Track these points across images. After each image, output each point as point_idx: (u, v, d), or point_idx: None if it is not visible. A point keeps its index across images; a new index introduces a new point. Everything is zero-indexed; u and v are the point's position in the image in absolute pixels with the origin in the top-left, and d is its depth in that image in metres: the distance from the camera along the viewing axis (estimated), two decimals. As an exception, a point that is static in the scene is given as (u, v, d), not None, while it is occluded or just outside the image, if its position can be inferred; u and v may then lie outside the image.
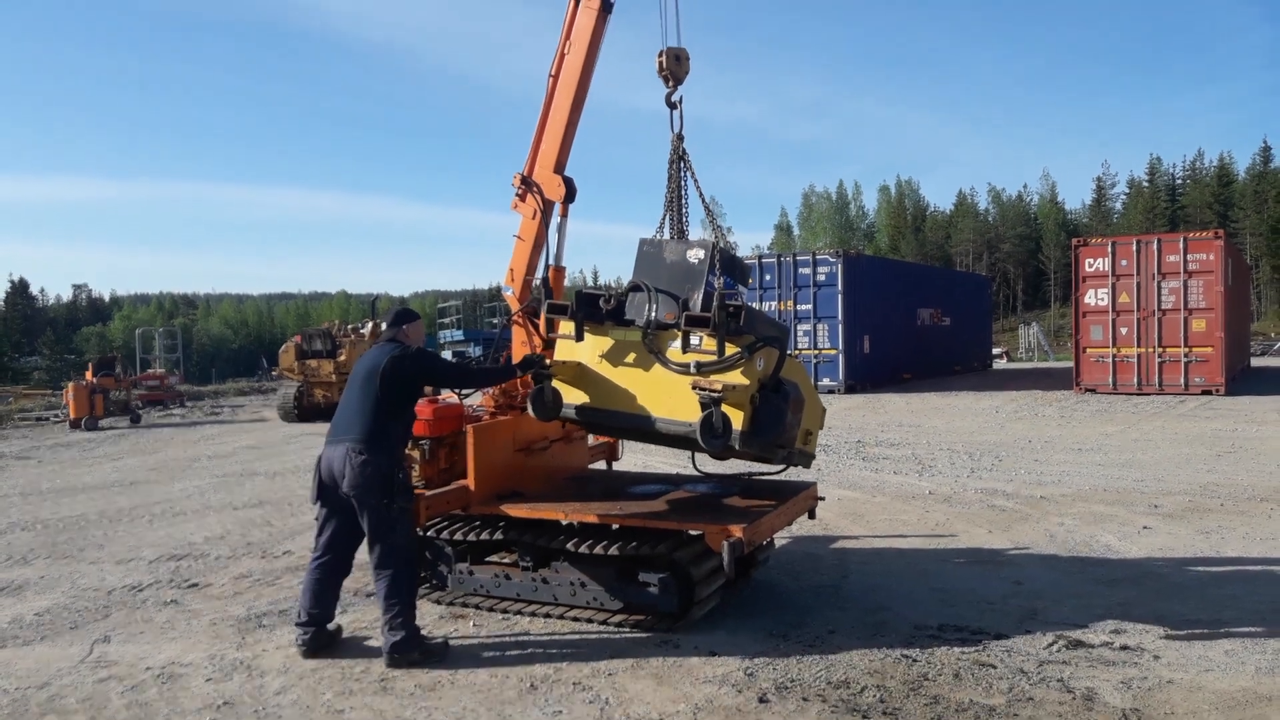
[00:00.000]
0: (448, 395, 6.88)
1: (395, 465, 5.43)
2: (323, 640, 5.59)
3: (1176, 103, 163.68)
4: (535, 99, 7.18)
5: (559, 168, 7.04)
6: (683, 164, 6.63)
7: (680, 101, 6.82)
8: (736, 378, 5.41)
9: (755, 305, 25.88)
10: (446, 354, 40.76)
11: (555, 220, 7.12)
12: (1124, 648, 5.25)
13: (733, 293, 5.97)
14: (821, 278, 25.40)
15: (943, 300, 33.29)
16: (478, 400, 6.98)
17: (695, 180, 6.64)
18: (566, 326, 5.98)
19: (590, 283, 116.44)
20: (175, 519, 10.15)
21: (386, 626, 5.32)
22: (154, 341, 52.79)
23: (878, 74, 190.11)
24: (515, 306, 7.16)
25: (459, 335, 47.28)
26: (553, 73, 7.10)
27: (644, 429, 5.83)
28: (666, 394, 5.65)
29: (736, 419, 5.35)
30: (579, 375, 5.98)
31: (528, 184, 7.12)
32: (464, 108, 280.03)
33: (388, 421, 5.43)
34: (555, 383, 5.94)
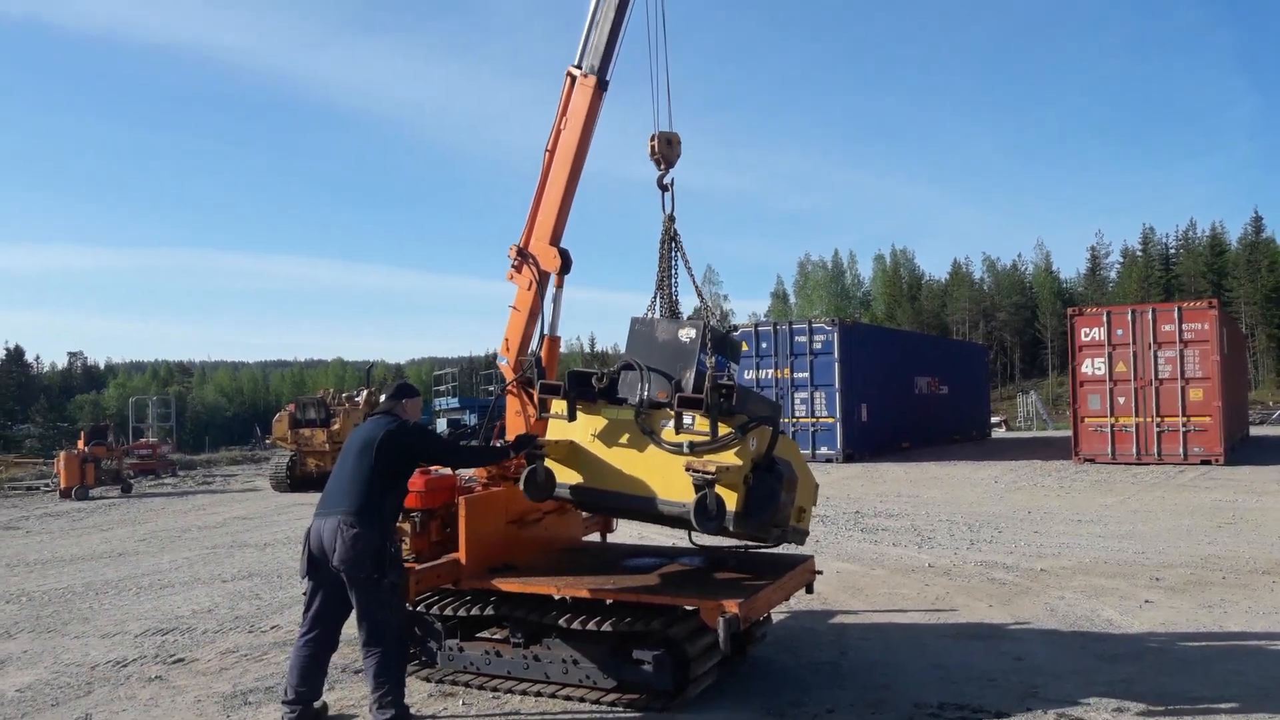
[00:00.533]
0: (439, 467, 6.83)
1: (387, 539, 5.36)
2: (309, 718, 5.46)
3: (1168, 173, 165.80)
4: (529, 170, 7.27)
5: (554, 240, 7.08)
6: (674, 244, 6.71)
7: (672, 184, 6.94)
8: (730, 458, 5.41)
9: (753, 374, 25.98)
10: (441, 422, 40.65)
11: (551, 291, 7.15)
12: (1128, 727, 5.14)
13: (723, 372, 5.97)
14: (818, 346, 25.46)
15: (940, 369, 33.36)
16: (470, 472, 6.92)
17: (686, 261, 6.73)
18: (559, 406, 5.99)
19: (587, 349, 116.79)
20: (163, 591, 10.00)
21: (375, 705, 5.20)
22: (147, 410, 52.62)
23: (871, 146, 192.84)
24: (510, 376, 7.15)
25: (454, 403, 47.18)
26: (549, 148, 7.19)
27: (637, 509, 5.84)
28: (660, 474, 5.65)
29: (730, 500, 5.35)
30: (572, 454, 5.96)
31: (524, 256, 7.17)
32: (459, 178, 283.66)
33: (381, 495, 5.38)
34: (548, 462, 5.91)
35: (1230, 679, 5.94)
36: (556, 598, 5.93)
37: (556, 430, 6.04)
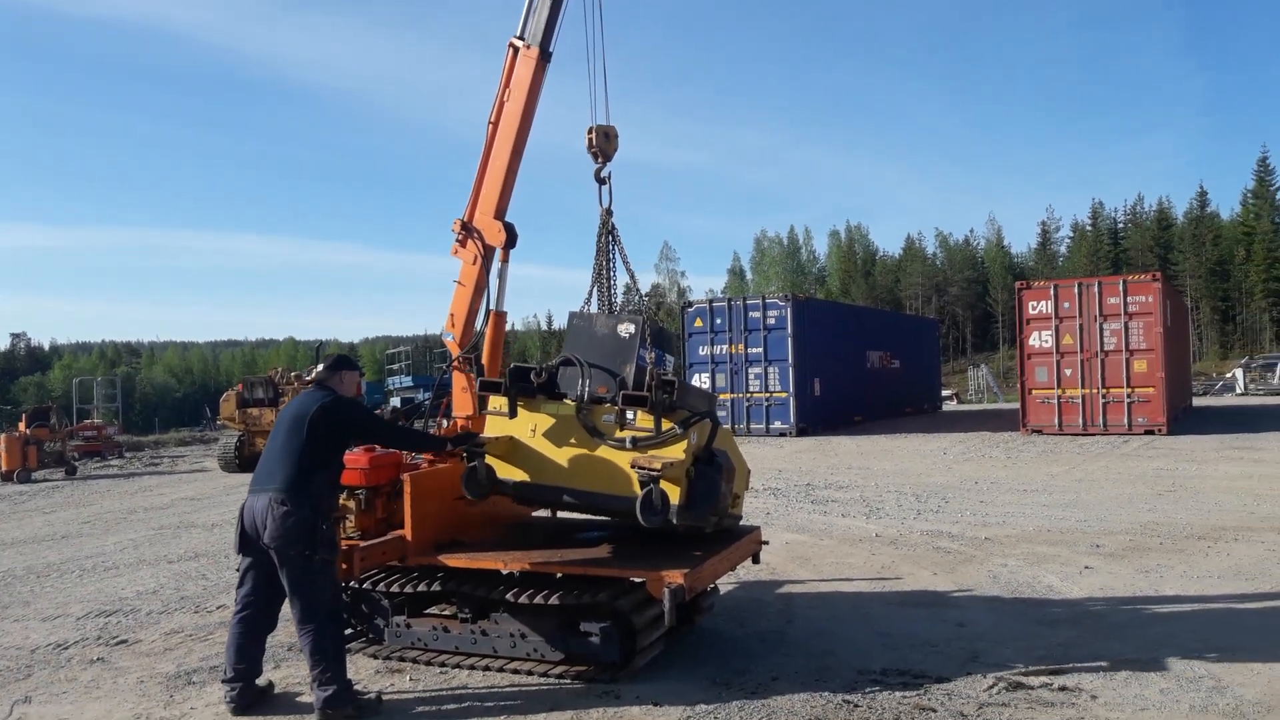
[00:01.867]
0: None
1: (319, 516, 5.26)
2: (252, 696, 5.41)
3: (1117, 148, 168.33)
4: (479, 143, 7.18)
5: (499, 213, 7.04)
6: (612, 237, 6.73)
7: (609, 177, 6.95)
8: (674, 453, 5.53)
9: (707, 349, 26.07)
10: (395, 400, 40.39)
11: (496, 265, 7.10)
12: (1063, 688, 5.25)
13: (663, 367, 6.08)
14: (772, 321, 25.58)
15: (892, 343, 33.67)
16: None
17: (624, 254, 6.80)
18: (499, 402, 5.96)
19: (544, 327, 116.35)
20: (107, 573, 9.86)
21: (315, 682, 5.17)
22: (93, 391, 51.74)
23: (826, 122, 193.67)
24: (456, 352, 7.11)
25: (408, 381, 46.89)
26: (492, 120, 7.11)
27: (581, 504, 5.88)
28: (603, 468, 5.73)
29: (674, 494, 5.49)
30: (513, 450, 5.99)
31: (468, 229, 7.11)
32: (415, 153, 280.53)
33: (312, 471, 5.30)
34: (489, 459, 5.91)
35: (1164, 641, 6.09)
36: (504, 572, 5.93)
37: (497, 426, 6.03)
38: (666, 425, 5.59)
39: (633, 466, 5.44)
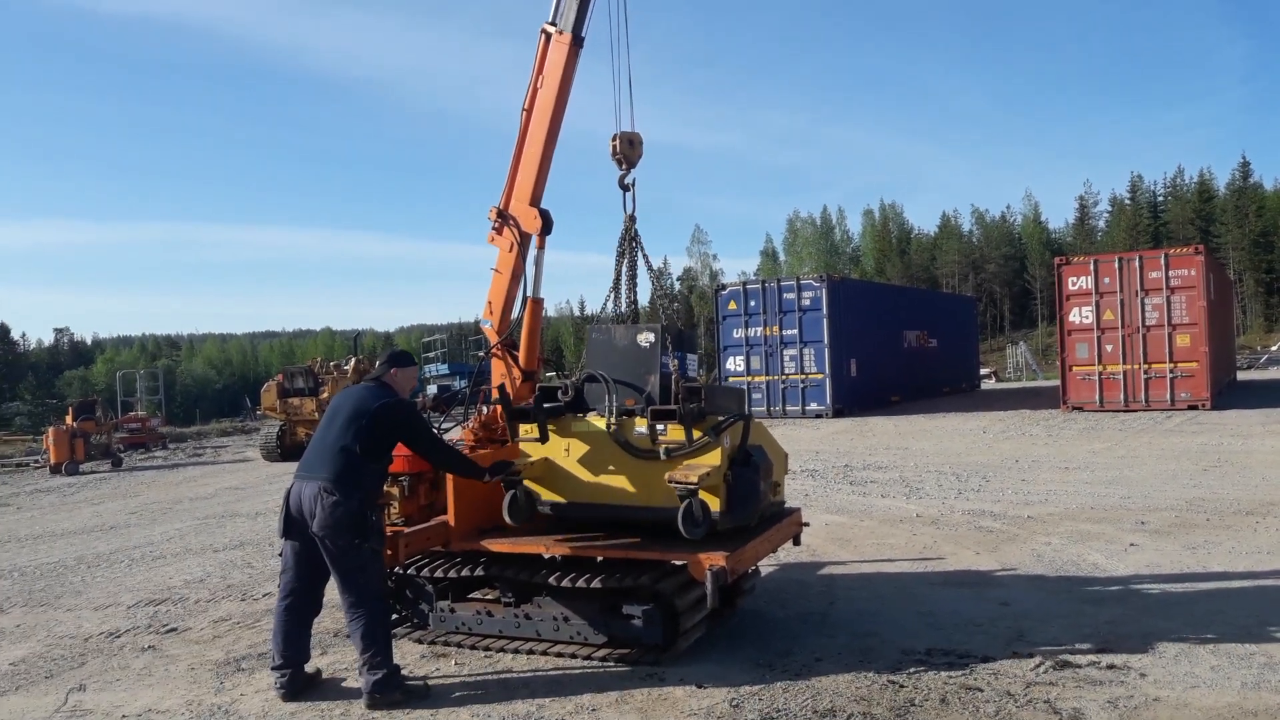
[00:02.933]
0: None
1: (368, 507, 5.33)
2: (301, 683, 5.49)
3: (1156, 120, 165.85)
4: (515, 130, 7.19)
5: (534, 200, 7.04)
6: (634, 244, 6.75)
7: (633, 184, 6.96)
8: (709, 460, 5.51)
9: (742, 331, 25.98)
10: (431, 388, 40.64)
11: (532, 253, 7.11)
12: (1110, 666, 5.20)
13: (687, 371, 6.04)
14: (806, 302, 25.44)
15: (929, 322, 33.39)
16: (457, 434, 6.92)
17: (647, 260, 6.82)
18: (530, 429, 5.97)
19: (577, 312, 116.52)
20: (155, 563, 10.03)
21: (366, 667, 5.23)
22: (135, 384, 52.53)
23: (858, 100, 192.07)
24: (494, 339, 7.14)
25: (444, 369, 47.19)
26: (525, 107, 7.12)
27: (621, 519, 5.86)
28: (640, 482, 5.74)
29: (714, 503, 5.49)
30: (549, 472, 6.02)
31: (504, 217, 7.13)
32: (447, 142, 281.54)
33: (364, 464, 5.33)
34: (526, 482, 5.94)
35: (1213, 618, 6.01)
36: (546, 556, 5.97)
37: (530, 450, 6.04)
38: (698, 434, 5.57)
39: (669, 482, 5.40)
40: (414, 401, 5.78)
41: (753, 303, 26.25)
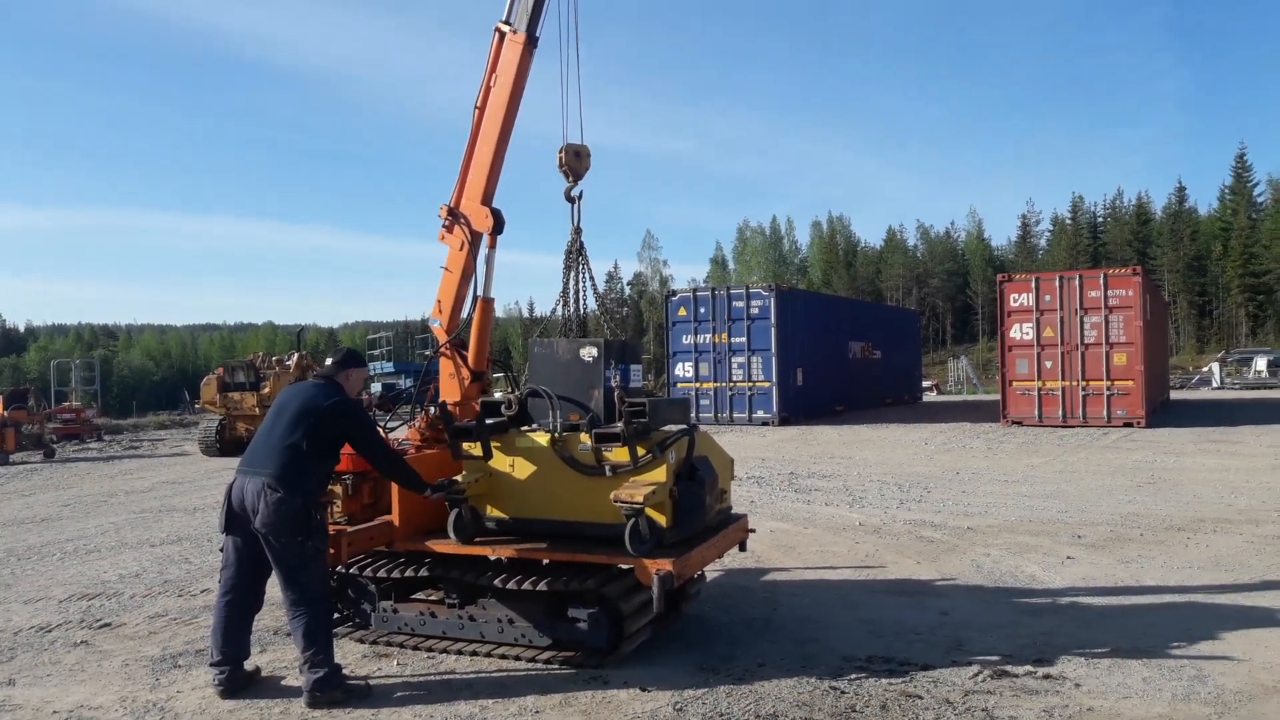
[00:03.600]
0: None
1: (311, 505, 5.27)
2: (240, 680, 5.40)
3: (1098, 142, 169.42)
4: (467, 127, 7.15)
5: (486, 199, 7.00)
6: (580, 257, 6.80)
7: (580, 196, 6.99)
8: (654, 477, 5.53)
9: (691, 338, 26.08)
10: (376, 386, 40.24)
11: (483, 251, 7.07)
12: (1046, 676, 5.31)
13: (629, 384, 6.09)
14: (755, 311, 25.64)
15: (874, 334, 33.84)
16: (403, 433, 6.86)
17: (591, 274, 6.90)
18: (474, 448, 5.94)
19: (526, 314, 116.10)
20: (88, 557, 9.79)
21: (306, 665, 5.16)
22: (70, 373, 51.25)
23: (810, 113, 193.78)
24: (443, 338, 7.08)
25: (389, 367, 46.76)
26: (478, 105, 7.08)
27: (568, 534, 5.84)
28: (585, 498, 5.73)
29: (660, 519, 5.52)
30: (494, 488, 5.99)
31: (455, 215, 7.08)
32: (398, 136, 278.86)
33: (310, 461, 5.28)
34: (472, 499, 5.90)
35: (1145, 630, 6.16)
36: (491, 558, 5.93)
37: (474, 467, 5.99)
38: (643, 451, 5.57)
39: (615, 501, 5.39)
40: (357, 401, 5.71)
41: (702, 309, 26.39)
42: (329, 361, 5.83)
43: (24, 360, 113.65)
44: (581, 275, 6.91)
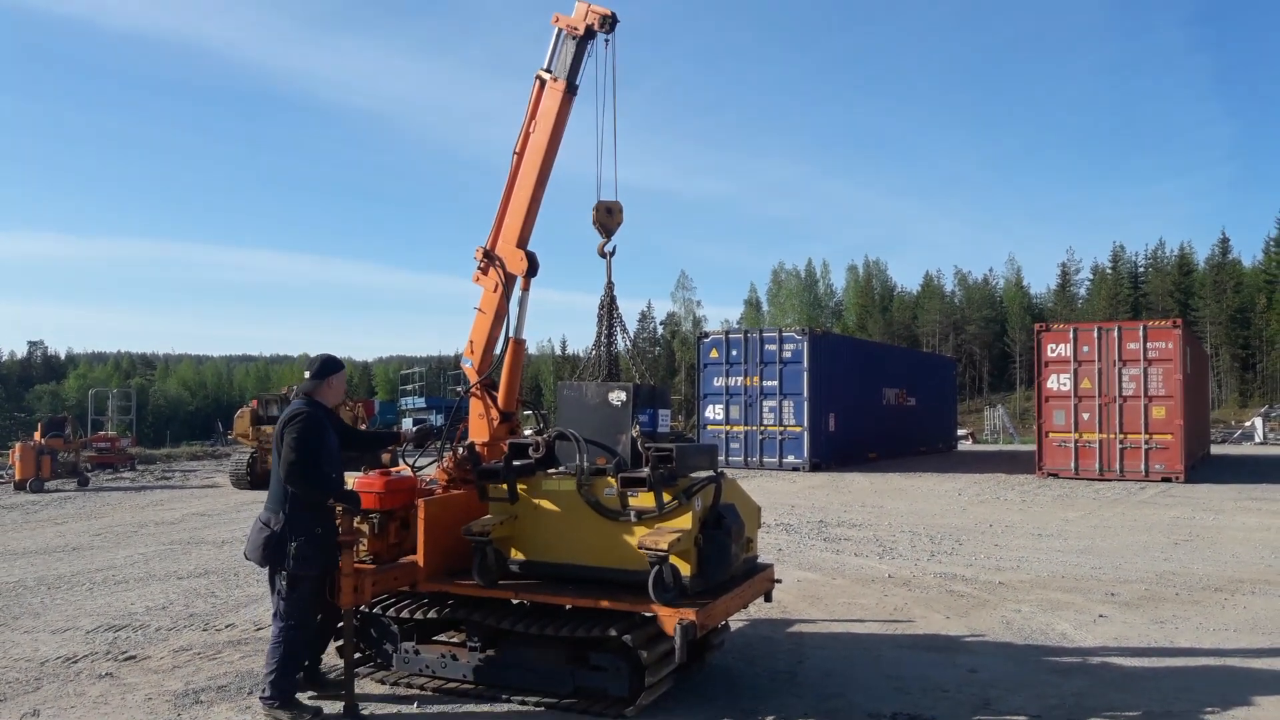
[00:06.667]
0: (401, 467, 6.78)
1: (293, 532, 5.47)
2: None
3: (1141, 191, 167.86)
4: (504, 169, 7.24)
5: (522, 243, 7.06)
6: (613, 310, 6.88)
7: (613, 252, 7.06)
8: (679, 524, 5.51)
9: (722, 380, 26.01)
10: (407, 422, 40.47)
11: (517, 294, 7.12)
12: (1077, 741, 5.18)
13: (655, 428, 6.09)
14: (788, 355, 25.55)
15: (908, 380, 33.59)
16: (431, 473, 6.88)
17: (624, 327, 6.99)
18: (499, 490, 5.97)
19: (558, 351, 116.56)
20: (117, 587, 9.87)
21: (264, 678, 5.60)
22: (107, 402, 51.96)
23: (848, 156, 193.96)
24: (474, 379, 7.12)
25: (421, 403, 47.02)
26: (517, 150, 7.17)
27: (591, 578, 5.82)
28: (610, 543, 5.72)
29: (685, 568, 5.49)
30: (518, 530, 6.00)
31: (490, 258, 7.15)
32: (435, 175, 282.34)
33: (283, 484, 5.53)
34: (496, 541, 5.90)
35: (1179, 694, 6.01)
36: (514, 602, 5.91)
37: (500, 509, 6.01)
38: (668, 497, 5.56)
39: (640, 548, 5.39)
40: (310, 413, 5.66)
41: (734, 352, 26.34)
42: (306, 376, 5.93)
43: (63, 387, 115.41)
44: (614, 330, 6.97)
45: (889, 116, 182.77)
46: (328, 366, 5.94)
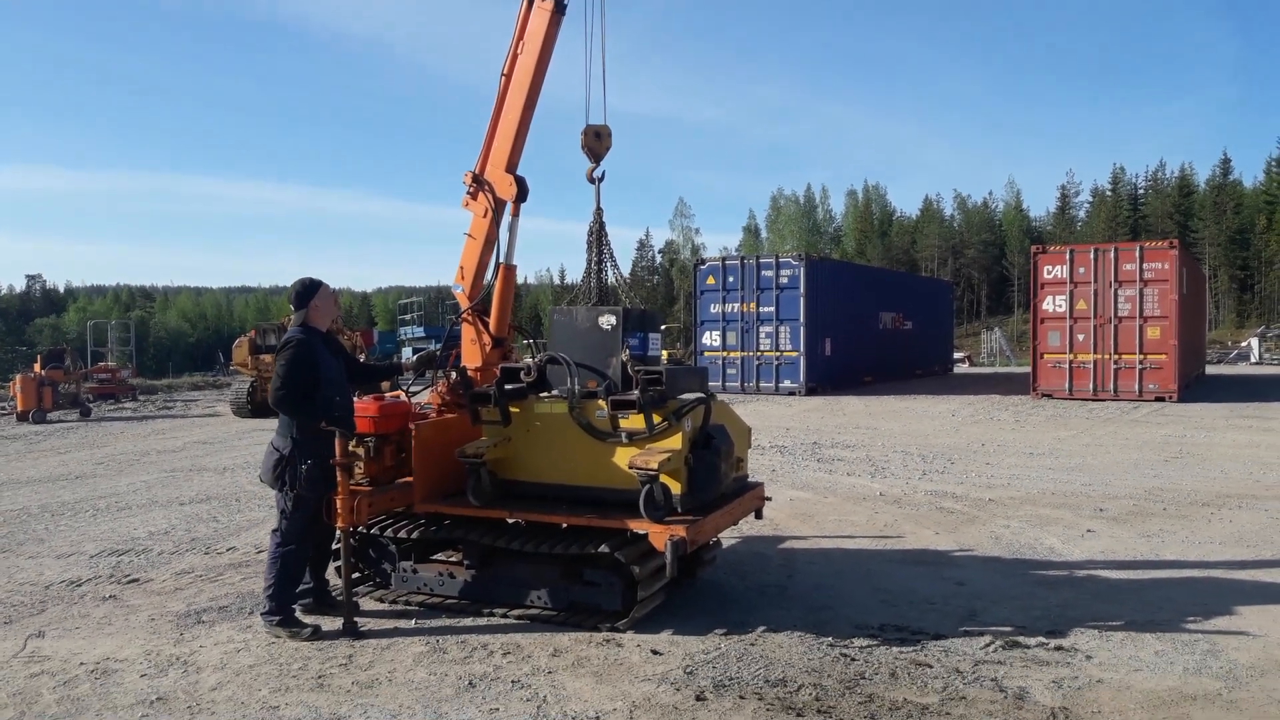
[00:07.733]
0: (396, 393, 6.84)
1: (298, 453, 5.64)
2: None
3: (1142, 113, 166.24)
4: (494, 95, 7.16)
5: (511, 167, 7.02)
6: (601, 237, 6.86)
7: (602, 178, 7.02)
8: (669, 444, 5.60)
9: (719, 307, 26.01)
10: (407, 351, 40.58)
11: (506, 219, 7.10)
12: (1058, 648, 5.32)
13: (646, 352, 6.13)
14: (785, 281, 25.54)
15: (906, 304, 33.59)
16: (425, 397, 6.94)
17: (612, 254, 7.00)
18: (492, 413, 6.02)
19: (557, 281, 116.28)
20: (120, 513, 10.01)
21: (264, 595, 5.81)
22: (107, 334, 51.90)
23: (847, 80, 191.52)
24: (465, 304, 7.14)
25: (420, 331, 47.06)
26: (505, 72, 7.08)
27: (583, 498, 5.92)
28: (602, 464, 5.81)
29: (675, 486, 5.60)
30: (512, 452, 6.08)
31: (479, 182, 7.11)
32: (433, 104, 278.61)
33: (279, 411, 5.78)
34: (490, 464, 5.99)
35: (1161, 604, 6.15)
36: (509, 521, 6.01)
37: (493, 432, 6.10)
38: (658, 419, 5.65)
39: (631, 467, 5.49)
40: (301, 339, 5.76)
41: (731, 279, 26.31)
42: (291, 304, 6.03)
43: (63, 320, 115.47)
44: (603, 255, 6.98)
45: (889, 38, 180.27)
46: (308, 290, 5.96)
